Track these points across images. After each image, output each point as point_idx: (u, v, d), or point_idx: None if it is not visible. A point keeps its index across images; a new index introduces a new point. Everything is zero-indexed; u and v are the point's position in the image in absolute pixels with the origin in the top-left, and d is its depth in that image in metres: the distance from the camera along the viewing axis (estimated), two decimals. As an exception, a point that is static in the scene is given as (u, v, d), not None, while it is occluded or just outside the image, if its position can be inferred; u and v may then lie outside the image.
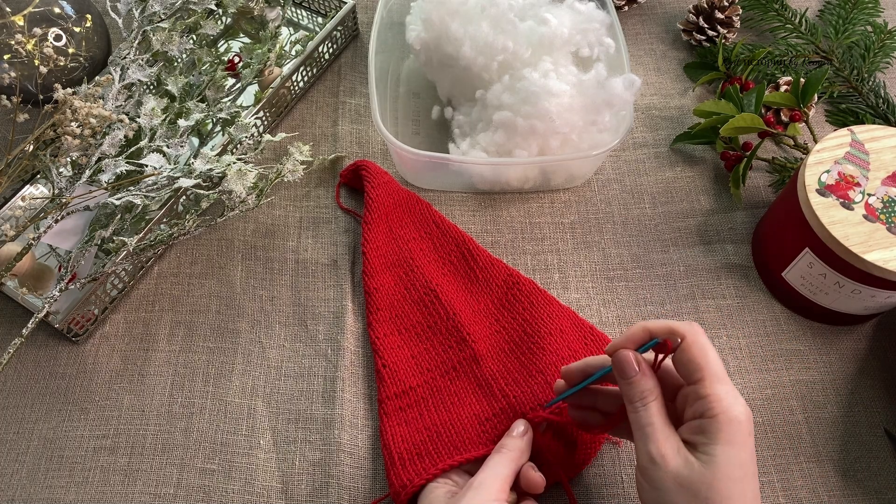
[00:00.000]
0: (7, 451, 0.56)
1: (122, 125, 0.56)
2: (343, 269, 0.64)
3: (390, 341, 0.59)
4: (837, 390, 0.59)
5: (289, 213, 0.67)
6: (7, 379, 0.59)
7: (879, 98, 0.72)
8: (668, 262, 0.65)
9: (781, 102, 0.68)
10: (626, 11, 0.82)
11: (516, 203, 0.68)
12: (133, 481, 0.54)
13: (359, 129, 0.73)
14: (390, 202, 0.66)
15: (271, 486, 0.54)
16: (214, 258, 0.65)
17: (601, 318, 0.62)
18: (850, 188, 0.56)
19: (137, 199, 0.56)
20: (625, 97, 0.61)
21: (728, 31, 0.77)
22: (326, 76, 0.77)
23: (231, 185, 0.58)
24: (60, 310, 0.57)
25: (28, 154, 0.56)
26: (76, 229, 0.58)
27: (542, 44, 0.63)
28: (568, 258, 0.65)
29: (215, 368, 0.59)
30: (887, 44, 0.76)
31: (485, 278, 0.61)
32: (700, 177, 0.70)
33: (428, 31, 0.66)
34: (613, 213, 0.68)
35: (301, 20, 0.81)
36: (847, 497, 0.54)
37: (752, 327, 0.61)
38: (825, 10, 0.82)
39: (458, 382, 0.56)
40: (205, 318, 0.62)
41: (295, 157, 0.62)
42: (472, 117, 0.66)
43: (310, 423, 0.57)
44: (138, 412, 0.57)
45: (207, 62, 0.67)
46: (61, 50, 0.66)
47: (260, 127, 0.70)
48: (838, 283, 0.56)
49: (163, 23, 0.64)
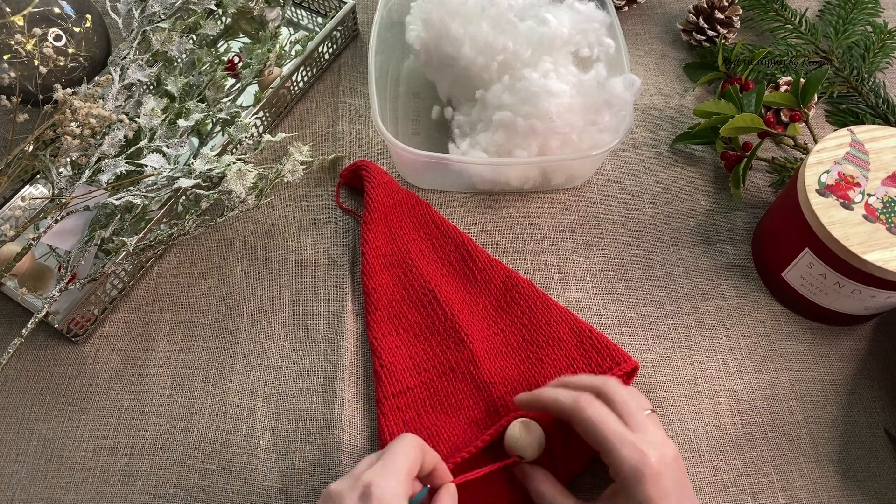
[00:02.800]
0: (7, 451, 0.56)
1: (122, 125, 0.56)
2: (343, 270, 0.64)
3: (388, 341, 0.59)
4: (837, 390, 0.59)
5: (289, 213, 0.67)
6: (7, 379, 0.59)
7: (879, 98, 0.72)
8: (668, 262, 0.65)
9: (781, 102, 0.68)
10: (626, 11, 0.82)
11: (516, 203, 0.68)
12: (133, 481, 0.54)
13: (359, 129, 0.73)
14: (390, 202, 0.65)
15: (271, 486, 0.54)
16: (214, 258, 0.65)
17: (601, 318, 0.62)
18: (850, 188, 0.56)
19: (137, 199, 0.56)
20: (625, 97, 0.61)
21: (728, 31, 0.77)
22: (326, 76, 0.77)
23: (231, 185, 0.58)
24: (60, 310, 0.57)
25: (28, 154, 0.56)
26: (76, 229, 0.58)
27: (542, 44, 0.63)
28: (568, 258, 0.65)
29: (215, 368, 0.59)
30: (887, 44, 0.76)
31: (483, 279, 0.61)
32: (700, 177, 0.70)
33: (428, 31, 0.66)
34: (613, 214, 0.68)
35: (301, 20, 0.81)
36: (847, 497, 0.54)
37: (752, 327, 0.61)
38: (825, 10, 0.82)
39: (455, 384, 0.56)
40: (205, 318, 0.62)
41: (295, 157, 0.62)
42: (472, 117, 0.66)
43: (310, 423, 0.57)
44: (138, 412, 0.57)
45: (207, 62, 0.67)
46: (61, 50, 0.66)
47: (260, 127, 0.70)
48: (838, 284, 0.56)
49: (163, 23, 0.64)
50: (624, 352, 0.56)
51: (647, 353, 0.60)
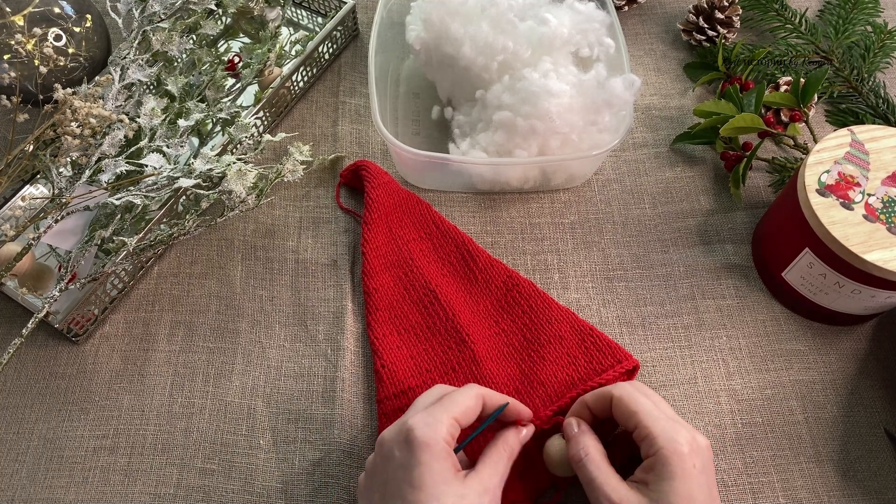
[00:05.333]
0: (7, 451, 0.56)
1: (122, 125, 0.56)
2: (343, 270, 0.64)
3: (389, 342, 0.59)
4: (837, 390, 0.59)
5: (289, 213, 0.67)
6: (7, 379, 0.59)
7: (879, 98, 0.72)
8: (668, 262, 0.65)
9: (781, 102, 0.68)
10: (626, 11, 0.82)
11: (516, 203, 0.68)
12: (133, 481, 0.54)
13: (359, 129, 0.73)
14: (390, 202, 0.65)
15: (271, 486, 0.54)
16: (214, 258, 0.65)
17: (601, 318, 0.62)
18: (850, 188, 0.56)
19: (137, 199, 0.56)
20: (625, 97, 0.61)
21: (728, 31, 0.77)
22: (326, 76, 0.77)
23: (231, 185, 0.58)
24: (60, 310, 0.57)
25: (28, 154, 0.56)
26: (76, 229, 0.58)
27: (542, 44, 0.63)
28: (568, 258, 0.65)
29: (215, 368, 0.59)
30: (887, 44, 0.76)
31: (484, 279, 0.61)
32: (700, 177, 0.70)
33: (428, 31, 0.66)
34: (613, 213, 0.68)
35: (301, 20, 0.81)
36: (847, 497, 0.54)
37: (752, 327, 0.61)
38: (825, 10, 0.82)
39: (457, 384, 0.56)
40: (205, 318, 0.62)
41: (295, 157, 0.62)
42: (472, 117, 0.66)
43: (310, 423, 0.57)
44: (138, 412, 0.57)
45: (207, 62, 0.67)
46: (61, 50, 0.66)
47: (260, 127, 0.70)
48: (838, 283, 0.56)
49: (163, 23, 0.64)
50: (624, 350, 0.56)
51: (648, 352, 0.60)
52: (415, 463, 0.42)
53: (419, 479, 0.41)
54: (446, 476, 0.42)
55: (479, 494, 0.43)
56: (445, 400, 0.45)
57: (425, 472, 0.41)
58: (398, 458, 0.43)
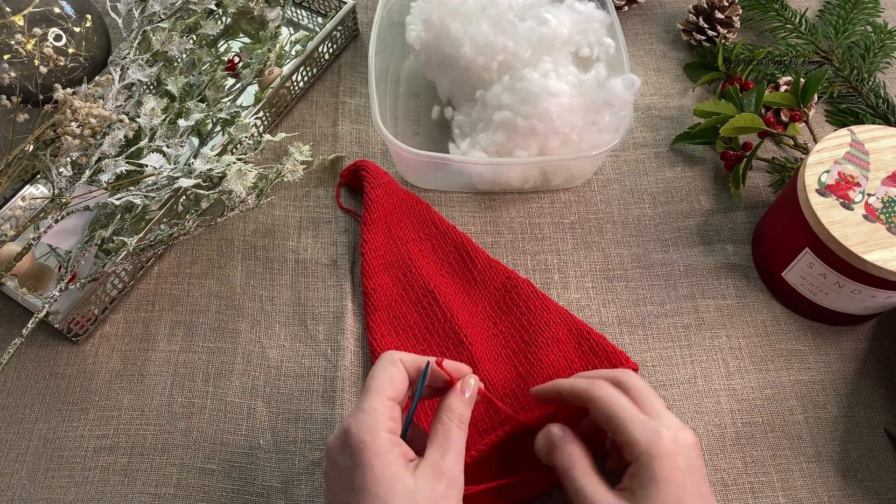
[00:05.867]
0: (7, 451, 0.56)
1: (122, 125, 0.56)
2: (343, 270, 0.64)
3: (388, 342, 0.59)
4: (837, 390, 0.59)
5: (289, 213, 0.67)
6: (7, 379, 0.59)
7: (879, 98, 0.72)
8: (668, 262, 0.65)
9: (781, 102, 0.68)
10: (626, 11, 0.82)
11: (516, 203, 0.68)
12: (133, 481, 0.54)
13: (359, 129, 0.73)
14: (389, 203, 0.65)
15: (271, 485, 0.54)
16: (214, 258, 0.65)
17: (601, 318, 0.62)
18: (850, 188, 0.56)
19: (137, 199, 0.56)
20: (625, 97, 0.61)
21: (728, 31, 0.77)
22: (326, 76, 0.77)
23: (231, 185, 0.58)
24: (60, 310, 0.57)
25: (28, 154, 0.56)
26: (76, 229, 0.58)
27: (542, 44, 0.63)
28: (568, 258, 0.65)
29: (215, 368, 0.59)
30: (887, 44, 0.76)
31: (483, 280, 0.61)
32: (700, 177, 0.70)
33: (428, 31, 0.66)
34: (613, 213, 0.68)
35: (301, 20, 0.81)
36: (847, 497, 0.54)
37: (752, 327, 0.61)
38: (825, 10, 0.82)
39: (456, 383, 0.56)
40: (205, 318, 0.62)
41: (295, 157, 0.62)
42: (472, 117, 0.66)
43: (310, 423, 0.57)
44: (138, 412, 0.57)
45: (207, 62, 0.67)
46: (61, 50, 0.66)
47: (260, 127, 0.70)
48: (838, 283, 0.56)
49: (163, 23, 0.64)
50: (622, 353, 0.56)
51: (647, 352, 0.60)
52: (356, 466, 0.40)
53: (361, 483, 0.39)
54: (393, 472, 0.39)
55: (431, 483, 0.40)
56: (368, 383, 0.43)
57: (367, 475, 0.39)
58: (341, 463, 0.41)
